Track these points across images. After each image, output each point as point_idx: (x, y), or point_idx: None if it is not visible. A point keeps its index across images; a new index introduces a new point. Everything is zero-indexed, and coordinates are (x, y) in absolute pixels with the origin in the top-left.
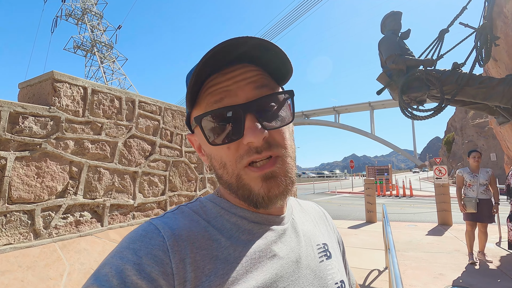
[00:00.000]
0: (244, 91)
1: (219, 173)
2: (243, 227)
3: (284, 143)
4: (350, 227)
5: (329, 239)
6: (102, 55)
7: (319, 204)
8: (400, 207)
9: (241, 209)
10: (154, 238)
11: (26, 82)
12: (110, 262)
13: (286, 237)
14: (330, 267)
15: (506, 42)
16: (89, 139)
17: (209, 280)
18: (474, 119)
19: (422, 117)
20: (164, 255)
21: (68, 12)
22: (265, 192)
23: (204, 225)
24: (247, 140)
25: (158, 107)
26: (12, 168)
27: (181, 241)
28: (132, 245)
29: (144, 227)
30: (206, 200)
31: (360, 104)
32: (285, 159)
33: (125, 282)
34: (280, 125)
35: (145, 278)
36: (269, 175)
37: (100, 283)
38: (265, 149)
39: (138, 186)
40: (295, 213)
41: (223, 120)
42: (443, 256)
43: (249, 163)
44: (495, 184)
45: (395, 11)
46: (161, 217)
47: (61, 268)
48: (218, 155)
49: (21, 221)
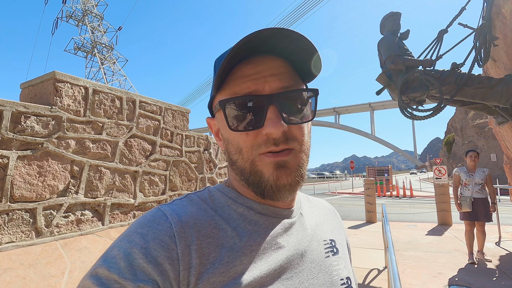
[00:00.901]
0: (270, 83)
1: (233, 159)
2: (250, 217)
3: (301, 139)
4: (350, 227)
5: (337, 236)
6: (103, 56)
7: None
8: (400, 208)
9: (248, 200)
10: (162, 224)
11: (28, 82)
12: (118, 245)
13: (293, 230)
14: (336, 263)
15: (504, 42)
16: (90, 138)
17: (214, 268)
18: (474, 119)
19: (422, 117)
20: (171, 241)
21: (68, 14)
22: (274, 180)
23: (211, 213)
24: (266, 131)
25: (159, 107)
26: (14, 167)
27: (188, 228)
28: (140, 230)
29: (152, 212)
30: (214, 190)
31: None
32: (299, 154)
33: (132, 265)
34: (300, 121)
35: (151, 262)
36: (281, 164)
37: (108, 265)
38: (283, 142)
39: (139, 186)
40: (304, 208)
41: (246, 108)
42: (442, 256)
43: (264, 152)
44: (491, 184)
45: (394, 12)
46: (170, 204)
47: (63, 266)
48: (235, 140)
49: (23, 219)
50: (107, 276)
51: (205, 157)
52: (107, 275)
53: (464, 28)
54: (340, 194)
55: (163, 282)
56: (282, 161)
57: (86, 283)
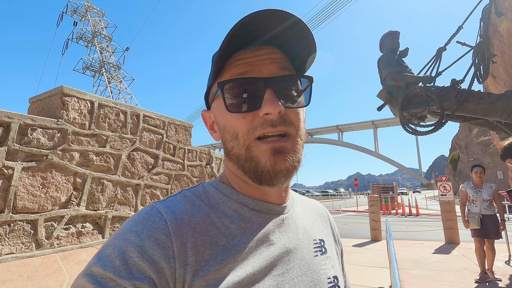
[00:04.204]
0: (268, 68)
1: (229, 146)
2: (244, 214)
3: (298, 124)
4: (355, 245)
5: (326, 236)
6: (110, 75)
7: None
8: (406, 226)
9: (242, 196)
10: (157, 222)
11: (36, 96)
12: (113, 243)
13: (285, 226)
14: (324, 262)
15: (503, 59)
16: (94, 151)
17: (208, 265)
18: (479, 136)
19: (423, 133)
20: (166, 239)
21: (79, 35)
22: (271, 165)
23: (206, 210)
24: (264, 111)
25: (162, 121)
26: (18, 178)
27: (183, 226)
28: (135, 228)
29: (147, 210)
30: (208, 186)
31: (363, 123)
32: (295, 139)
33: (127, 263)
34: (296, 106)
35: (147, 260)
36: (279, 149)
37: (103, 263)
38: (280, 124)
39: (140, 199)
40: (296, 206)
41: (244, 90)
42: (450, 275)
43: (261, 135)
44: (500, 200)
45: (393, 31)
46: (164, 201)
47: (61, 279)
48: (231, 125)
49: (24, 230)
50: (102, 274)
51: (207, 171)
52: (102, 274)
53: (462, 46)
54: (345, 212)
55: (159, 280)
56: (280, 146)
57: (80, 282)
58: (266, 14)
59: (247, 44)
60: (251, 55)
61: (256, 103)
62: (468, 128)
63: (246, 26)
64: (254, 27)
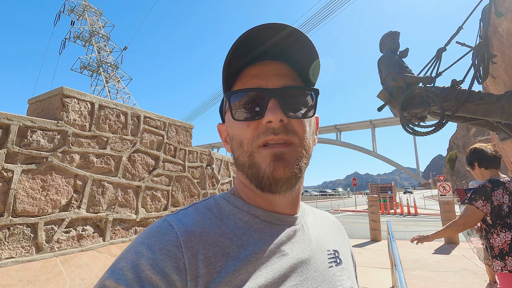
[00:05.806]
0: (273, 80)
1: (236, 155)
2: (255, 226)
3: (302, 134)
4: (355, 245)
5: (341, 247)
6: (108, 75)
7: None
8: (405, 226)
9: (253, 207)
10: (168, 234)
11: (36, 97)
12: (125, 257)
13: (297, 237)
14: (339, 273)
15: (503, 60)
16: (95, 153)
17: (220, 277)
18: (476, 136)
19: (424, 133)
20: (177, 251)
21: (76, 35)
22: (270, 171)
23: (217, 222)
24: (266, 119)
25: (163, 122)
26: (18, 181)
27: (194, 238)
28: (146, 241)
29: (158, 223)
30: (220, 198)
31: (361, 122)
32: (298, 148)
33: (139, 277)
34: (300, 116)
35: (159, 272)
36: (279, 155)
37: (116, 277)
38: (282, 132)
39: (141, 201)
40: (308, 218)
41: (249, 100)
42: (451, 275)
43: (264, 143)
44: None
45: (393, 31)
46: (175, 213)
47: (62, 283)
48: (237, 134)
49: (24, 234)
50: (115, 287)
51: (208, 172)
52: (115, 287)
53: (462, 47)
54: (343, 212)
55: None
56: (279, 152)
57: None
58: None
59: (255, 60)
60: (259, 69)
61: (261, 112)
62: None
63: (250, 43)
64: (256, 42)
